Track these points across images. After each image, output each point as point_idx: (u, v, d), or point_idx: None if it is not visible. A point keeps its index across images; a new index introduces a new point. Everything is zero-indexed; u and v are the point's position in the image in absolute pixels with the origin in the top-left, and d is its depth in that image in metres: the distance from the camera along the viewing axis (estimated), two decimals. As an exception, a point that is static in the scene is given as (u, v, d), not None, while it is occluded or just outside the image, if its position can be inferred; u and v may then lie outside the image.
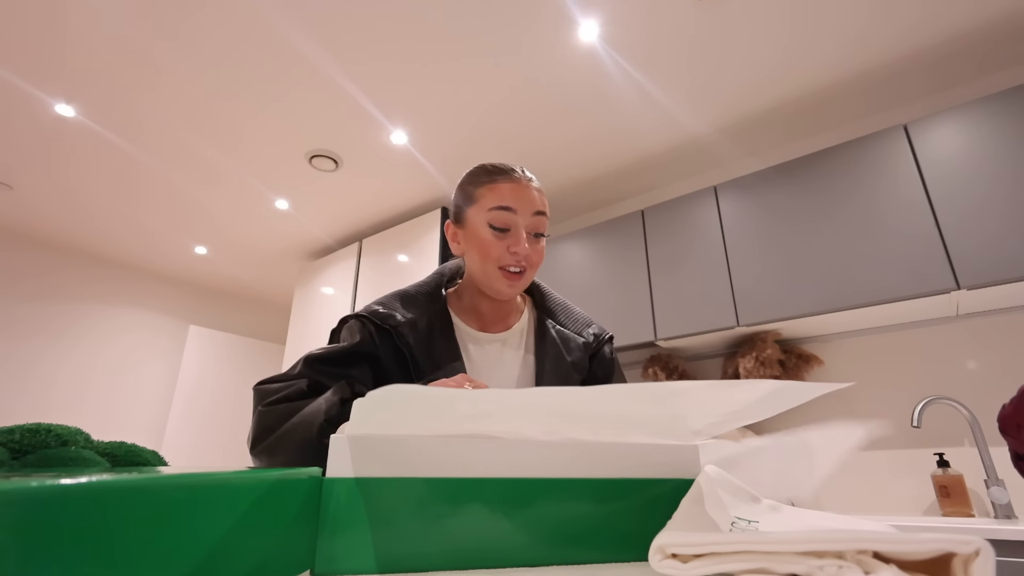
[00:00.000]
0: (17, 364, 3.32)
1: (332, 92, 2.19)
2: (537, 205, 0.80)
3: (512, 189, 0.79)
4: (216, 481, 0.24)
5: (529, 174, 0.83)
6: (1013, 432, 0.97)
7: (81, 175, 2.79)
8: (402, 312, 0.80)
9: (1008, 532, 1.21)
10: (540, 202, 0.81)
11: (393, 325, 0.77)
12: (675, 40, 1.93)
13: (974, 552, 0.22)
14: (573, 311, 0.94)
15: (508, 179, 0.80)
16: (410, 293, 0.85)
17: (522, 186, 0.79)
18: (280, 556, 0.27)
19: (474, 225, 0.80)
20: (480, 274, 0.81)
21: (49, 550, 0.17)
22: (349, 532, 0.30)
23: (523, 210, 0.78)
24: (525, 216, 0.78)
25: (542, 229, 0.81)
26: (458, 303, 0.88)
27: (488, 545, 0.32)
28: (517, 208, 0.78)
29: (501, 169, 0.81)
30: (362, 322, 0.78)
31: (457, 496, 0.32)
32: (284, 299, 4.44)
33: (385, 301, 0.82)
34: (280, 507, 0.28)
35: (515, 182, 0.80)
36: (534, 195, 0.80)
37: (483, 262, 0.79)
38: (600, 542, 0.34)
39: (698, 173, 2.71)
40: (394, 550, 0.30)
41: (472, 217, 0.81)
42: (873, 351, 2.03)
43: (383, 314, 0.79)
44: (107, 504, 0.19)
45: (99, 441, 0.38)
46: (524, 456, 0.34)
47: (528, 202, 0.79)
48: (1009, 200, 1.63)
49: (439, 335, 0.80)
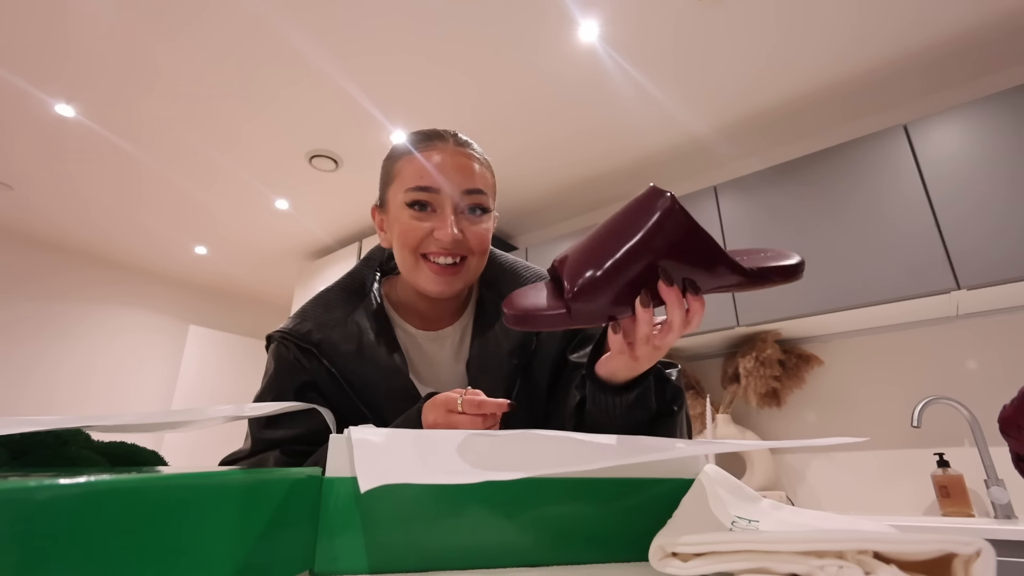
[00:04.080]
0: (18, 364, 3.32)
1: (332, 92, 2.19)
2: (471, 179, 0.63)
3: (436, 158, 0.62)
4: (216, 481, 0.24)
5: (464, 138, 0.67)
6: (1014, 433, 0.97)
7: (81, 175, 2.79)
8: (324, 322, 0.66)
9: (1008, 532, 1.21)
10: (478, 176, 0.64)
11: (315, 343, 0.65)
12: (675, 40, 1.93)
13: (975, 553, 0.21)
14: (522, 275, 0.73)
15: (431, 147, 0.64)
16: (332, 293, 0.71)
17: (449, 154, 0.63)
18: (280, 556, 0.27)
19: (394, 208, 0.64)
20: (405, 269, 0.65)
21: (48, 550, 0.17)
22: (349, 532, 0.30)
23: (450, 185, 0.62)
24: (453, 192, 0.62)
25: (483, 204, 0.64)
26: (394, 294, 0.73)
27: (488, 545, 0.32)
28: (441, 185, 0.61)
29: (426, 134, 0.66)
30: (285, 345, 0.66)
31: (457, 496, 0.32)
32: (284, 299, 4.44)
33: (307, 309, 0.69)
34: (280, 507, 0.28)
35: (440, 150, 0.63)
36: (467, 164, 0.63)
37: (403, 252, 0.64)
38: (600, 542, 0.34)
39: (698, 173, 2.71)
40: (394, 550, 0.30)
41: (392, 198, 0.65)
42: (873, 351, 2.03)
43: (302, 332, 0.66)
44: (106, 504, 0.19)
45: (99, 441, 0.38)
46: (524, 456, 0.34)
47: (457, 173, 0.62)
48: (1009, 200, 1.63)
49: (372, 341, 0.65)
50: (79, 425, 0.32)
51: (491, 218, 0.67)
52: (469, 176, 0.63)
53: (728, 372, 2.23)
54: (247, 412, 0.41)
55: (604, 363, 0.53)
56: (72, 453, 0.35)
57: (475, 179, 0.64)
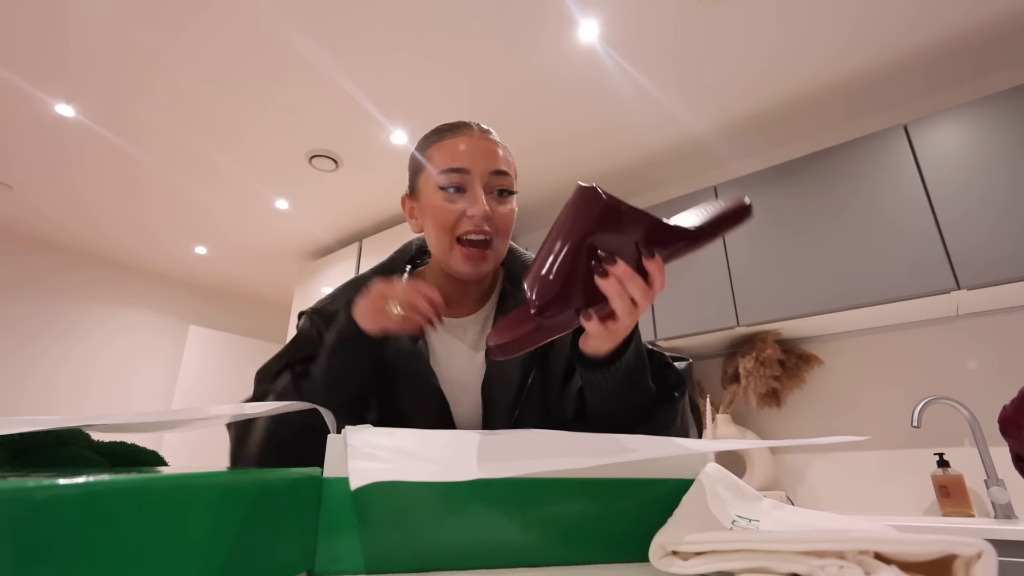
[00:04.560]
0: (18, 364, 3.32)
1: (332, 92, 2.19)
2: (496, 162, 0.67)
3: (463, 144, 0.67)
4: (216, 481, 0.24)
5: (486, 127, 0.71)
6: (1014, 433, 0.97)
7: (81, 175, 2.79)
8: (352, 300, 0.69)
9: (1008, 532, 1.21)
10: (502, 159, 0.68)
11: None
12: (675, 40, 1.93)
13: (976, 554, 0.21)
14: None
15: (457, 134, 0.68)
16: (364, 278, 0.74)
17: (475, 140, 0.67)
18: (280, 556, 0.27)
19: (426, 194, 0.68)
20: (438, 252, 0.69)
21: (48, 550, 0.17)
22: (349, 532, 0.30)
23: (478, 167, 0.66)
24: (482, 174, 0.66)
25: (508, 186, 0.68)
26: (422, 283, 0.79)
27: (488, 545, 0.32)
28: (471, 166, 0.65)
29: (451, 125, 0.70)
30: (311, 320, 0.70)
31: (457, 496, 0.32)
32: (284, 299, 4.44)
33: (339, 292, 0.74)
34: (280, 507, 0.28)
35: (467, 136, 0.68)
36: (492, 148, 0.67)
37: (438, 234, 0.67)
38: (600, 542, 0.34)
39: (698, 173, 2.71)
40: (393, 550, 0.30)
41: (423, 185, 0.69)
42: (873, 351, 2.03)
43: (330, 311, 0.69)
44: (106, 504, 0.19)
45: (99, 441, 0.38)
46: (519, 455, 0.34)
47: (484, 157, 0.66)
48: (1009, 200, 1.62)
49: None
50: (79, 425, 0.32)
51: (515, 200, 0.70)
52: (494, 159, 0.67)
53: (728, 372, 2.23)
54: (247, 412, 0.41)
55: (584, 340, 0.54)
56: (72, 453, 0.35)
57: (500, 161, 0.67)
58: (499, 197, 0.67)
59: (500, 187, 0.67)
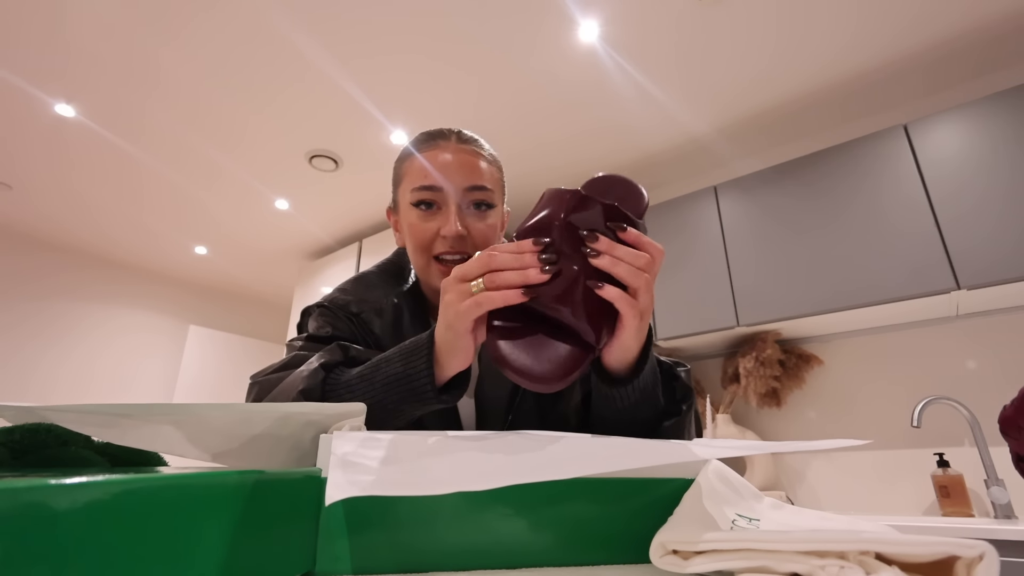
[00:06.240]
0: (18, 364, 3.32)
1: (332, 92, 2.19)
2: (474, 176, 0.63)
3: (439, 158, 0.63)
4: (215, 481, 0.24)
5: (468, 135, 0.67)
6: (1014, 433, 0.97)
7: (81, 175, 2.78)
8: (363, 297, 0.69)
9: (1008, 532, 1.21)
10: (481, 172, 0.64)
11: (356, 312, 0.67)
12: (675, 40, 1.93)
13: (978, 556, 0.21)
14: None
15: (433, 147, 0.65)
16: (371, 274, 0.74)
17: (453, 152, 0.64)
18: (280, 556, 0.27)
19: (403, 209, 0.66)
20: (417, 268, 0.67)
21: (48, 550, 0.17)
22: (349, 532, 0.30)
23: (453, 183, 0.62)
24: (457, 190, 0.63)
25: (487, 200, 0.64)
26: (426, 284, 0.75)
27: (488, 545, 0.32)
28: (444, 183, 0.62)
29: (430, 135, 0.67)
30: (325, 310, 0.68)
31: (458, 496, 0.32)
32: (284, 299, 4.44)
33: (346, 287, 0.72)
34: (280, 507, 0.28)
35: (442, 149, 0.64)
36: (469, 161, 0.64)
37: (415, 252, 0.65)
38: (600, 542, 0.34)
39: (698, 173, 2.71)
40: (394, 550, 0.30)
41: (401, 199, 0.67)
42: (873, 351, 2.03)
43: (343, 301, 0.68)
44: (106, 504, 0.19)
45: (99, 441, 0.38)
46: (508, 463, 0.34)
47: (460, 171, 0.63)
48: (1009, 200, 1.63)
49: (408, 319, 0.67)
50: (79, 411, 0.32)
51: (497, 214, 0.67)
52: (471, 173, 0.64)
53: (728, 372, 2.23)
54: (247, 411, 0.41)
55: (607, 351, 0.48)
56: (72, 453, 0.35)
57: (478, 175, 0.64)
58: (477, 211, 0.64)
59: (477, 201, 0.64)
